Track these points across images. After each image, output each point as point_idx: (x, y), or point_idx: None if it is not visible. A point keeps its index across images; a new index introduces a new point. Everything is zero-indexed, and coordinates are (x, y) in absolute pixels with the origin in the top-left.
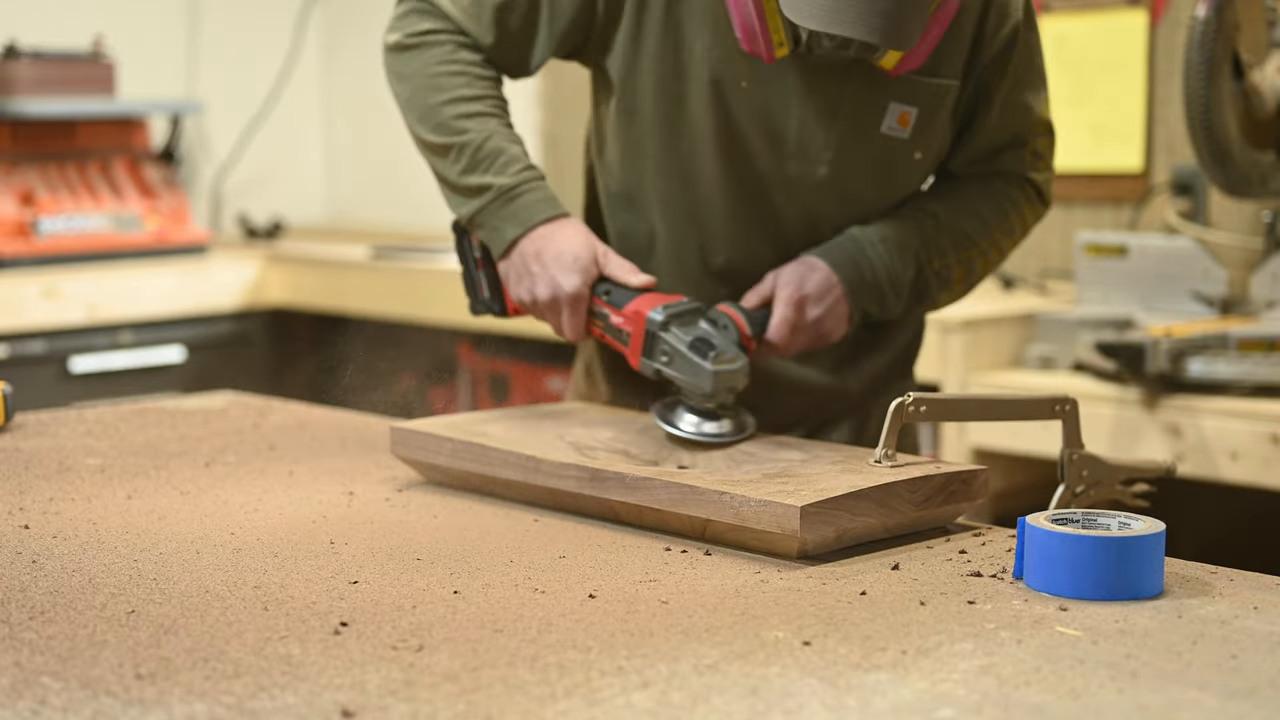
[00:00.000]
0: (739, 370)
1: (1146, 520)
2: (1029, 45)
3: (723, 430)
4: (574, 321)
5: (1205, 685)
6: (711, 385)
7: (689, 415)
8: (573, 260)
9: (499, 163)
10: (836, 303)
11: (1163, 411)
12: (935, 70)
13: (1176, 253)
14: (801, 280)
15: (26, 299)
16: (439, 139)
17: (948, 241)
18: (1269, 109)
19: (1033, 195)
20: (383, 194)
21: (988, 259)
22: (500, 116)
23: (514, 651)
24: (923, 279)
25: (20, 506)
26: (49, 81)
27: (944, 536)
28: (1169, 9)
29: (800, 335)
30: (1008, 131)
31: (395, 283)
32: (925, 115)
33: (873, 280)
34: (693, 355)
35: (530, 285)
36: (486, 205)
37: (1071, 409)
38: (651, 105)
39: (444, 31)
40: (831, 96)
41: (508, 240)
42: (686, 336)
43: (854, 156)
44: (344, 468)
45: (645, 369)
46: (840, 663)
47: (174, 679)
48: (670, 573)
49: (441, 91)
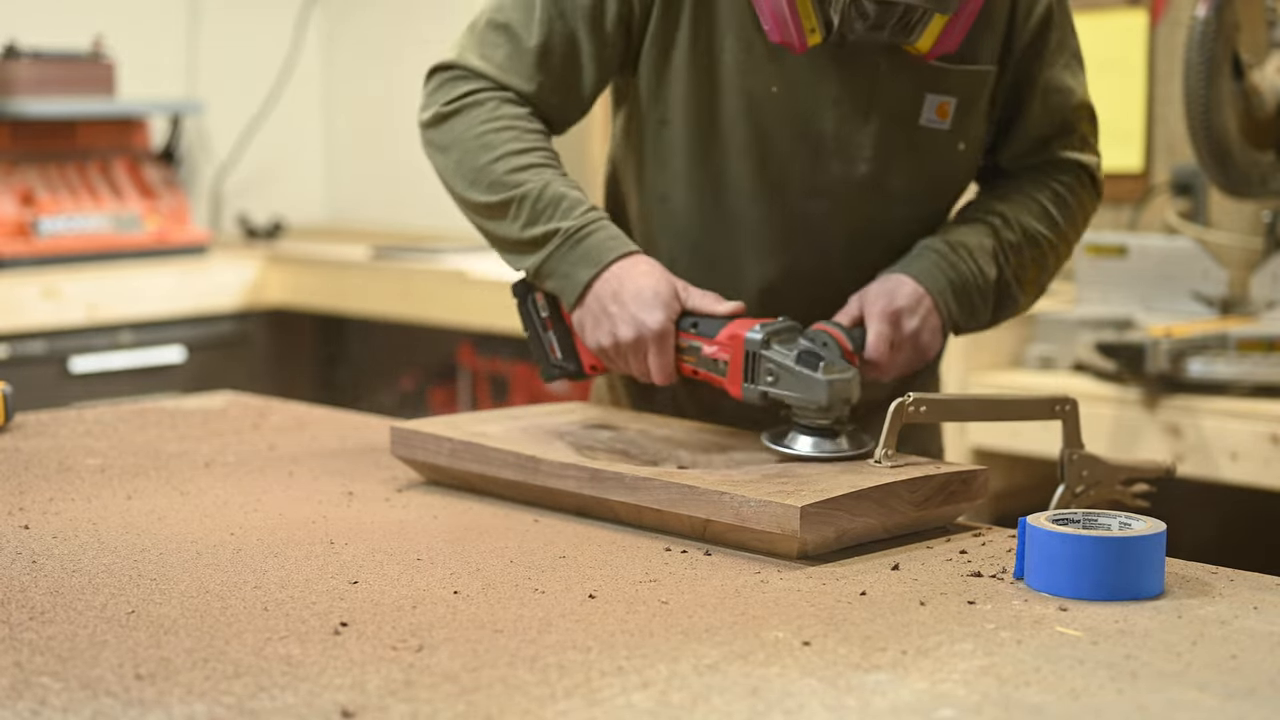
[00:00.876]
0: (852, 380)
1: (1147, 520)
2: (1063, 26)
3: (841, 448)
4: (662, 361)
5: (1205, 685)
6: (827, 396)
7: (803, 437)
8: (653, 296)
9: (562, 208)
10: (929, 314)
11: (1163, 412)
12: (971, 57)
13: (1176, 253)
14: (891, 294)
15: (26, 299)
16: (494, 198)
17: (1021, 241)
18: (1269, 109)
19: (1088, 182)
20: (383, 194)
21: (1059, 254)
22: (555, 167)
23: (514, 652)
24: (1004, 280)
25: (20, 506)
26: (49, 81)
27: (944, 536)
28: (1169, 9)
29: (899, 352)
30: (1054, 118)
31: (395, 283)
32: (964, 105)
33: (961, 287)
34: (802, 368)
35: (611, 328)
36: (554, 251)
37: (1071, 409)
38: (682, 117)
39: (483, 90)
40: (865, 92)
41: (581, 284)
42: (791, 352)
43: (894, 152)
44: (344, 468)
45: (750, 395)
46: (840, 663)
47: (174, 679)
48: (670, 573)
49: (490, 150)
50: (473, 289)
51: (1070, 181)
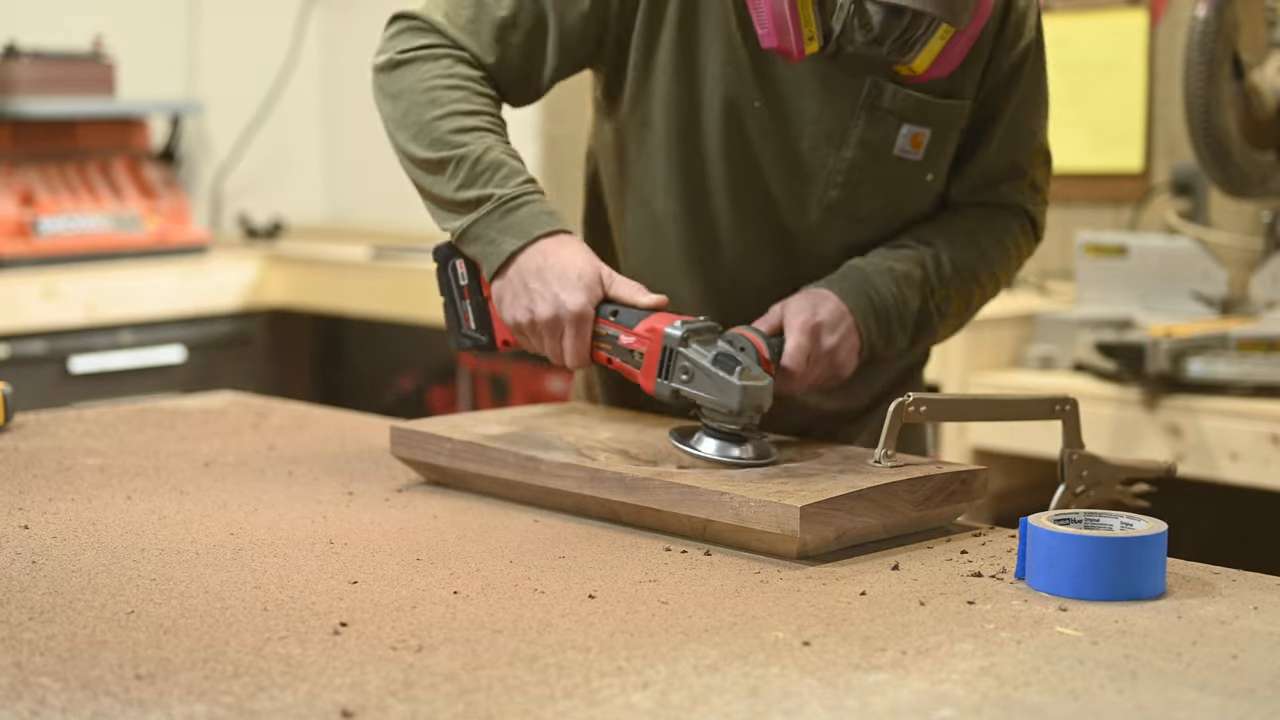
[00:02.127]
0: (765, 388)
1: (1149, 520)
2: (1037, 68)
3: (745, 455)
4: (577, 345)
5: (1205, 686)
6: (739, 401)
7: (709, 439)
8: (577, 277)
9: (500, 175)
10: (849, 332)
11: (1163, 412)
12: (953, 91)
13: (1176, 253)
14: (814, 308)
15: (26, 299)
16: (434, 154)
17: (950, 273)
18: (1269, 109)
19: (1029, 228)
20: (383, 194)
21: (985, 292)
22: (499, 134)
23: (513, 652)
24: (926, 311)
25: (20, 507)
26: (49, 81)
27: (944, 536)
28: (1169, 9)
29: (815, 366)
30: (1008, 158)
31: (395, 283)
32: (938, 137)
33: (882, 310)
34: (718, 370)
35: (529, 303)
36: (483, 216)
37: (1072, 409)
38: (663, 119)
39: (440, 46)
40: (844, 117)
41: (505, 253)
42: (709, 352)
43: (866, 179)
44: (344, 468)
45: (661, 391)
46: (840, 663)
47: (173, 679)
48: (670, 573)
49: (438, 106)
50: None
51: (1012, 225)
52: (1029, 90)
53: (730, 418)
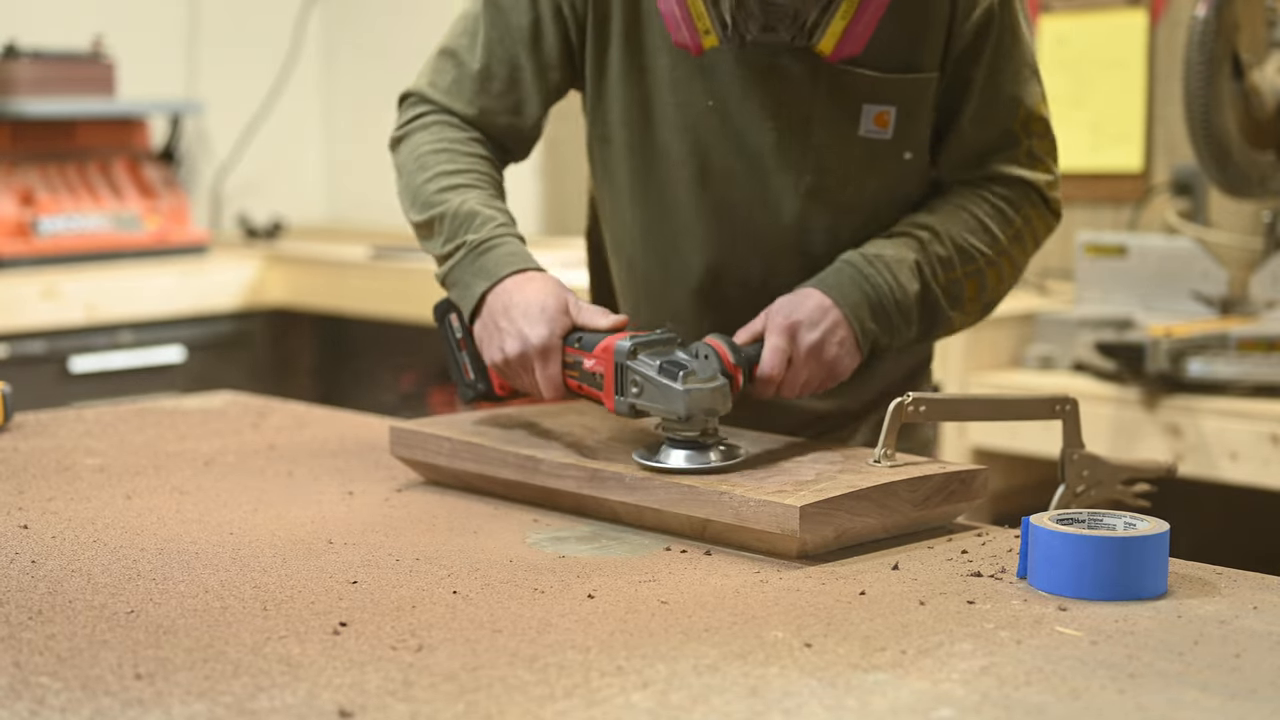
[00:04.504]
0: (714, 390)
1: (1151, 520)
2: (1006, 29)
3: (708, 462)
4: (548, 375)
5: (1206, 686)
6: (684, 407)
7: (674, 451)
8: (539, 311)
9: (475, 223)
10: (835, 327)
11: (1163, 411)
12: (909, 64)
13: (1176, 253)
14: (794, 308)
15: (26, 299)
16: (423, 216)
17: (952, 254)
18: (1269, 109)
19: (1037, 200)
20: (383, 194)
21: (1000, 272)
22: (482, 187)
23: (513, 651)
24: (930, 297)
25: (20, 506)
26: (49, 81)
27: (944, 536)
28: (1169, 9)
29: (801, 368)
30: (995, 129)
31: (395, 283)
32: (905, 113)
33: (876, 300)
34: (663, 379)
35: (500, 342)
36: (458, 264)
37: (1072, 409)
38: (622, 134)
39: (430, 114)
40: (803, 105)
41: (477, 295)
42: (655, 362)
43: (837, 164)
44: (344, 468)
45: (620, 408)
46: (840, 663)
47: (173, 679)
48: (670, 573)
49: (425, 170)
50: None
51: (1013, 197)
52: (1000, 55)
53: (683, 425)
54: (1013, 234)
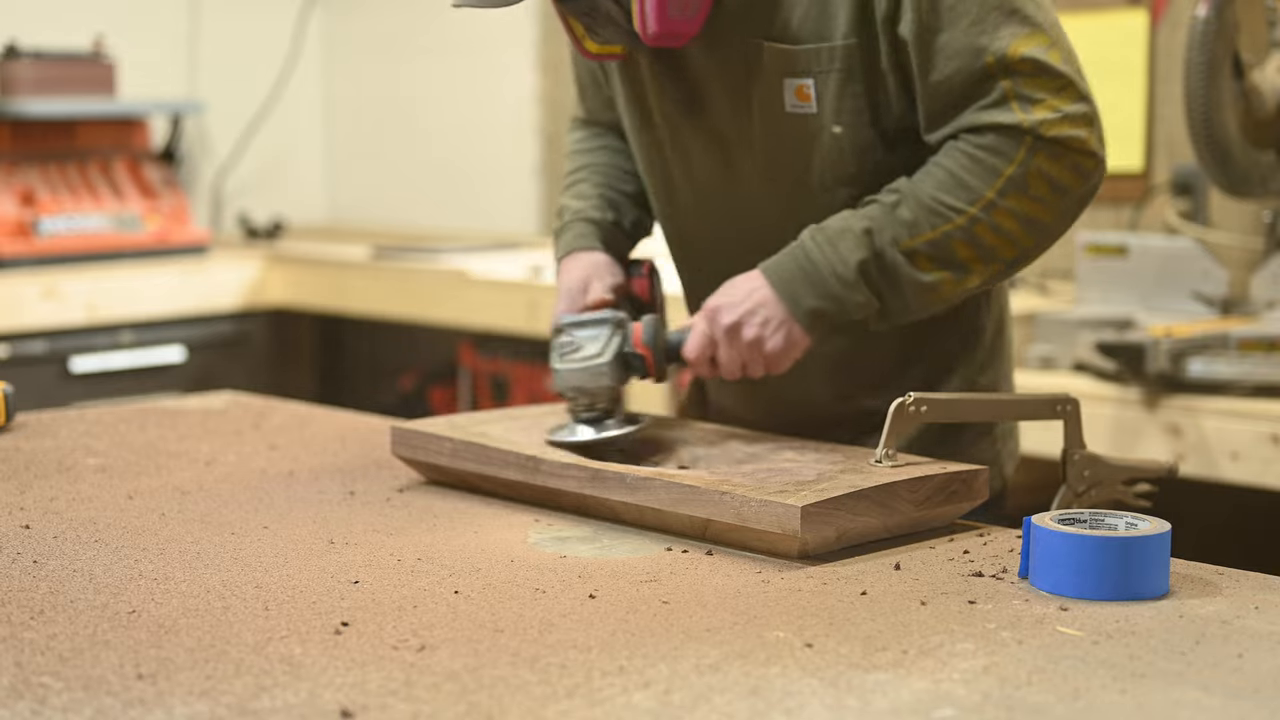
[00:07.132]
0: (588, 370)
1: (1152, 520)
2: None
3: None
4: None
5: (1208, 686)
6: (557, 384)
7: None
8: (565, 292)
9: (565, 214)
10: (760, 306)
11: (1163, 412)
12: (817, 34)
13: (1177, 253)
14: (723, 291)
15: (26, 299)
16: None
17: (918, 216)
18: (1269, 109)
19: (1037, 143)
20: (383, 194)
21: (994, 225)
22: (587, 180)
23: (514, 651)
24: (885, 262)
25: (21, 506)
26: (49, 81)
27: (946, 536)
28: (1169, 9)
29: (728, 349)
30: (956, 81)
31: (395, 283)
32: (823, 85)
33: (813, 273)
34: (553, 357)
35: None
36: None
37: (1073, 409)
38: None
39: (574, 119)
40: (742, 85)
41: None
42: (563, 338)
43: (775, 144)
44: (344, 468)
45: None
46: (841, 663)
47: (174, 679)
48: (671, 573)
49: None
50: (473, 289)
51: (998, 145)
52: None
53: (570, 401)
54: (1004, 186)
